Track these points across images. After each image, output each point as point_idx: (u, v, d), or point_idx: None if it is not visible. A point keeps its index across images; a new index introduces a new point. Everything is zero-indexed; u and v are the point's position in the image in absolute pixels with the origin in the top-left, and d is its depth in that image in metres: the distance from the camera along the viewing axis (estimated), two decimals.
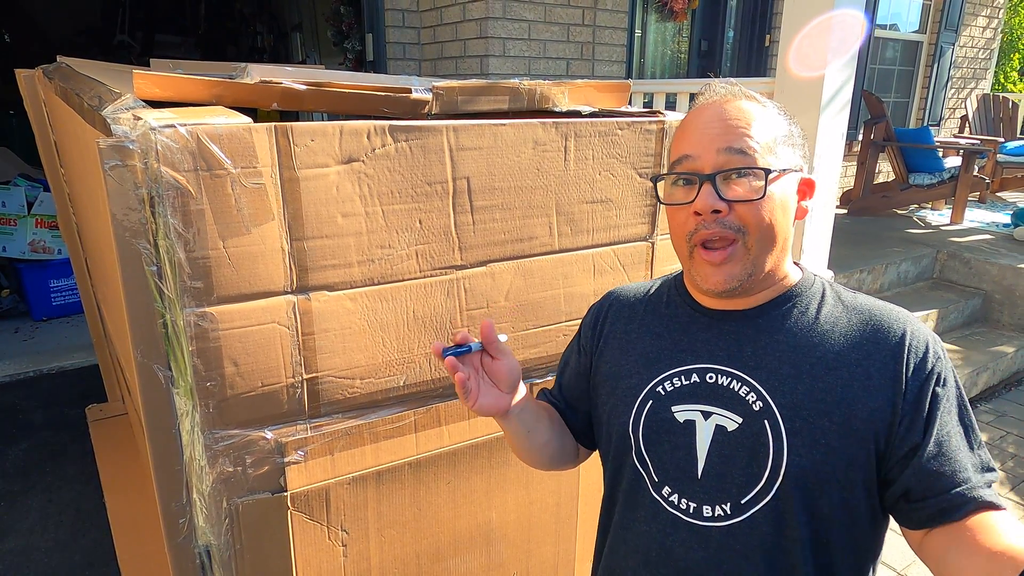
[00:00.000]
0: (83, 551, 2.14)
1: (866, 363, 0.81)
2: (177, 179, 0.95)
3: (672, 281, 0.99)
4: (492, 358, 0.92)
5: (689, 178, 0.83)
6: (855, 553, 0.84)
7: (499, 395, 0.92)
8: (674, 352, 0.91)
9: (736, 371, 0.85)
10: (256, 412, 1.09)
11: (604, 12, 4.13)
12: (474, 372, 0.91)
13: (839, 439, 0.79)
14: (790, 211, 0.84)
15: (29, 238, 3.88)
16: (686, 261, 0.87)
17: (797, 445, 0.79)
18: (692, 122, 0.85)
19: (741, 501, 0.82)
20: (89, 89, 1.36)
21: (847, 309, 0.86)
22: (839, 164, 2.70)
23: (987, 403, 3.48)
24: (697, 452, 0.85)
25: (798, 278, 0.89)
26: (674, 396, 0.88)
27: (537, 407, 1.02)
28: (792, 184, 0.85)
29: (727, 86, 0.86)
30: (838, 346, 0.82)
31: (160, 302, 1.01)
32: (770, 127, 0.83)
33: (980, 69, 7.57)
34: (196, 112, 1.00)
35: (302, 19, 6.73)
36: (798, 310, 0.86)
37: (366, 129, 1.08)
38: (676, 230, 0.86)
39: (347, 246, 1.10)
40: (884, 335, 0.82)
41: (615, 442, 0.94)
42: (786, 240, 0.85)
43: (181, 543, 1.12)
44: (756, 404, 0.82)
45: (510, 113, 1.34)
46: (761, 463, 0.81)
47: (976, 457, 0.80)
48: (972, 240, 4.59)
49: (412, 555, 1.33)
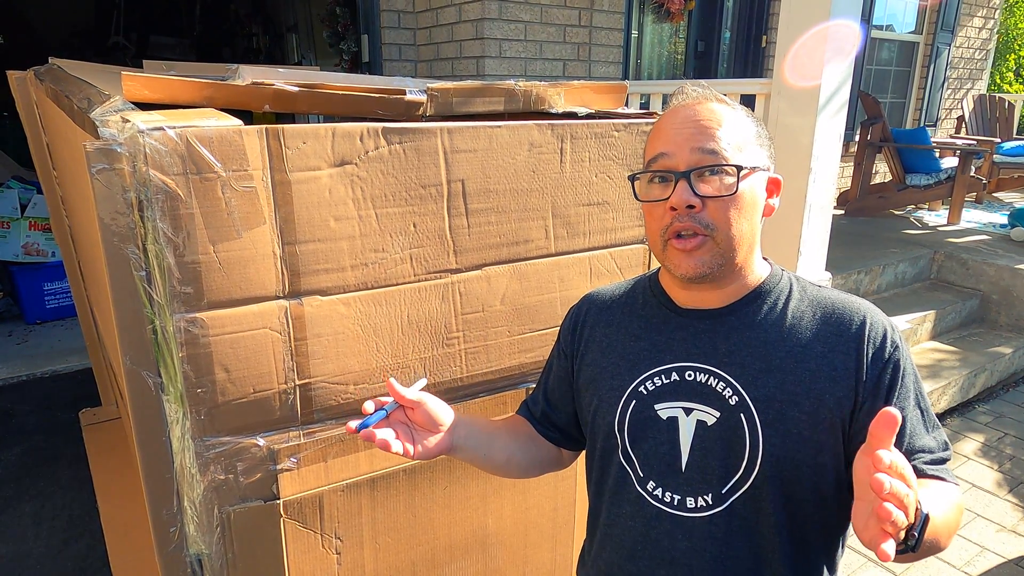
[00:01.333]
0: (75, 557, 2.12)
1: (830, 355, 0.86)
2: (166, 183, 0.93)
3: (647, 281, 1.03)
4: (411, 408, 0.95)
5: (665, 175, 0.87)
6: (826, 530, 0.89)
7: (436, 437, 0.95)
8: (653, 352, 0.94)
9: (712, 368, 0.89)
10: (248, 419, 1.07)
11: (600, 13, 4.12)
12: (403, 426, 0.95)
13: (809, 428, 0.84)
14: (759, 208, 0.89)
15: (23, 241, 3.86)
16: (660, 254, 0.90)
17: (771, 436, 0.85)
18: (667, 123, 0.89)
19: (721, 491, 0.87)
20: (79, 91, 1.34)
21: (812, 303, 0.91)
22: (836, 165, 2.69)
23: (985, 404, 3.47)
24: (681, 447, 0.90)
25: (766, 273, 0.94)
26: (656, 394, 0.92)
27: (490, 429, 1.06)
28: (761, 182, 0.89)
29: (699, 89, 0.91)
30: (805, 339, 0.87)
31: (149, 308, 0.99)
32: (740, 128, 0.88)
33: (976, 70, 7.58)
34: (186, 115, 0.98)
35: (297, 20, 6.72)
36: (767, 306, 0.91)
37: (359, 131, 1.07)
38: (652, 225, 0.90)
39: (340, 250, 1.09)
40: (846, 326, 0.87)
41: (601, 442, 0.98)
42: (755, 235, 0.90)
43: (172, 552, 1.11)
44: (732, 399, 0.87)
45: (506, 115, 1.32)
46: (739, 454, 0.86)
47: (932, 439, 0.86)
48: (969, 241, 4.59)
49: (407, 562, 1.31)
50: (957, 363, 3.48)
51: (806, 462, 0.84)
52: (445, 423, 0.97)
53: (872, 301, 3.83)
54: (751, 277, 0.92)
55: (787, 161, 2.63)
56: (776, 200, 0.93)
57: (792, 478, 0.85)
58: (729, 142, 0.85)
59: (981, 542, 2.38)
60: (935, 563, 2.27)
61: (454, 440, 0.98)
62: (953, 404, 3.35)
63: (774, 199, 0.93)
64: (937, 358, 3.54)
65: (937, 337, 3.81)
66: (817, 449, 0.84)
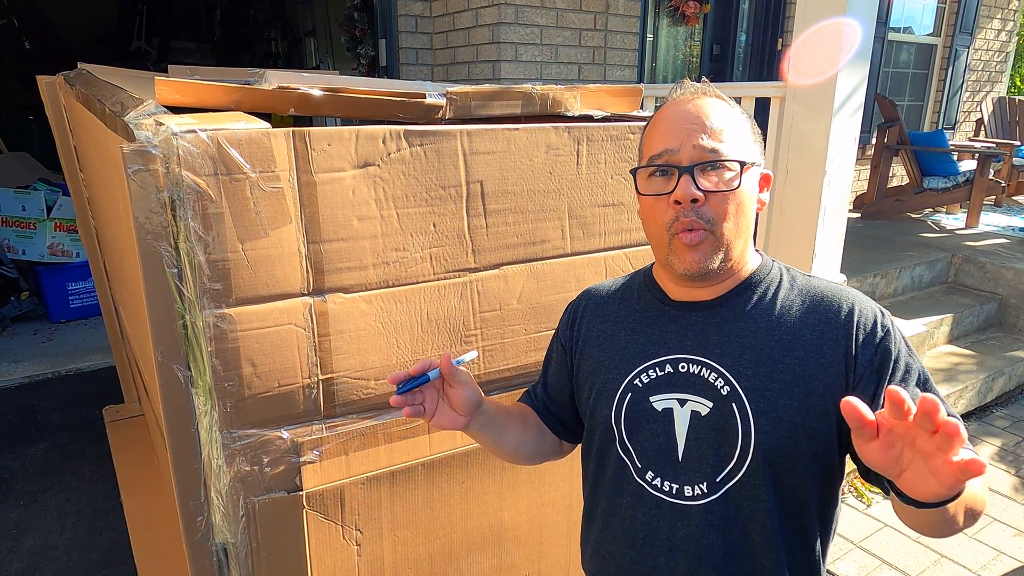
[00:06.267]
0: (100, 550, 2.17)
1: (819, 342, 0.88)
2: (198, 183, 0.97)
3: (641, 276, 1.05)
4: (450, 385, 0.96)
5: (668, 170, 0.88)
6: (819, 511, 0.92)
7: (455, 416, 0.97)
8: (647, 345, 0.97)
9: (704, 359, 0.92)
10: (273, 412, 1.11)
11: (616, 17, 4.14)
12: (433, 393, 0.96)
13: (800, 415, 0.86)
14: (754, 202, 0.92)
15: (48, 241, 3.94)
16: (664, 249, 0.91)
17: (763, 424, 0.87)
18: (668, 118, 0.91)
19: (716, 479, 0.89)
20: (111, 95, 1.39)
21: (801, 292, 0.93)
22: (852, 168, 2.69)
23: (1003, 408, 3.44)
24: (677, 437, 0.92)
25: (757, 264, 0.96)
26: (651, 387, 0.94)
27: (505, 416, 1.07)
28: (755, 177, 0.92)
29: (698, 85, 0.93)
30: (794, 328, 0.89)
31: (180, 303, 1.03)
32: (738, 124, 0.90)
33: (995, 72, 7.50)
34: (216, 118, 1.02)
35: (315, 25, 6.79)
36: (757, 296, 0.93)
37: (382, 134, 1.10)
38: (655, 219, 0.91)
39: (362, 249, 1.12)
40: (835, 313, 0.89)
41: (599, 434, 1.00)
42: (750, 229, 0.92)
43: (199, 541, 1.14)
44: (724, 389, 0.89)
45: (523, 118, 1.35)
46: (732, 443, 0.88)
47: None
48: (987, 244, 4.55)
49: (425, 555, 1.34)
50: (974, 367, 3.45)
51: (798, 449, 0.86)
52: (470, 411, 0.98)
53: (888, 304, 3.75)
54: (742, 269, 0.94)
55: (802, 164, 2.63)
56: (766, 195, 0.95)
57: (785, 465, 0.87)
58: (729, 137, 0.87)
59: (998, 546, 2.37)
60: (950, 567, 2.26)
61: (470, 423, 0.99)
62: (970, 408, 3.32)
63: (764, 194, 0.95)
64: (954, 362, 3.52)
65: (954, 341, 3.78)
66: (809, 436, 0.86)
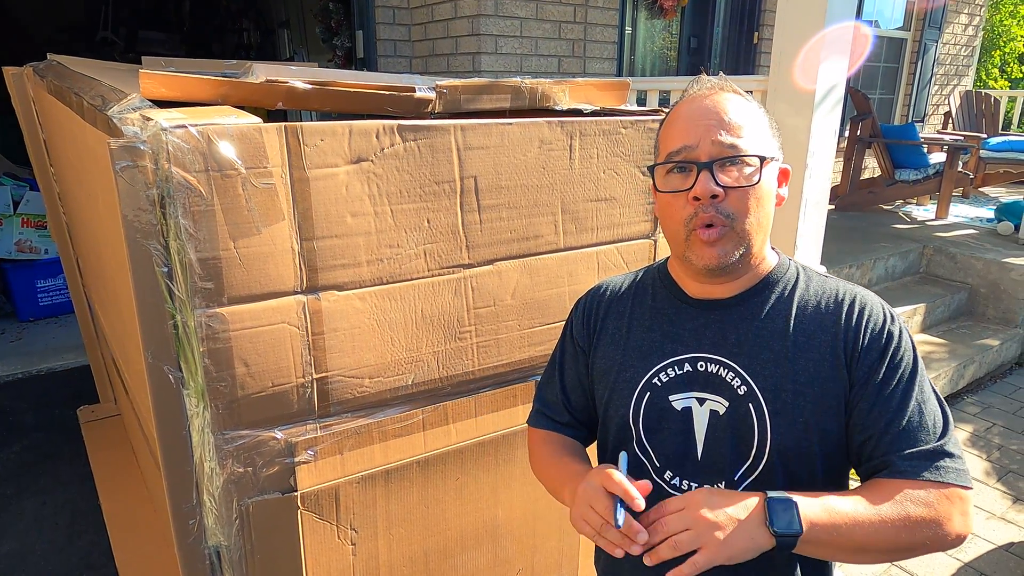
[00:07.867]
0: (80, 553, 2.12)
1: (833, 343, 0.88)
2: (188, 180, 0.95)
3: (656, 272, 1.03)
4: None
5: (686, 166, 0.87)
6: None
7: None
8: (665, 343, 0.96)
9: (722, 358, 0.91)
10: (266, 412, 1.09)
11: (595, 9, 4.14)
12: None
13: (814, 415, 0.87)
14: (773, 198, 0.92)
15: (15, 238, 3.83)
16: (681, 244, 0.90)
17: (779, 424, 0.87)
18: (686, 113, 0.90)
19: (734, 478, 0.90)
20: (88, 88, 1.34)
21: (816, 292, 0.93)
22: (831, 161, 2.73)
23: (973, 395, 3.53)
24: (696, 436, 0.92)
25: (775, 263, 0.95)
26: (670, 385, 0.94)
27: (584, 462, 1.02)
28: (774, 172, 0.92)
29: (715, 80, 0.93)
30: (810, 328, 0.90)
31: (171, 303, 1.00)
32: (757, 119, 0.90)
33: (963, 66, 7.66)
34: (205, 112, 1.00)
35: (289, 16, 6.67)
36: (775, 296, 0.93)
37: (375, 129, 1.08)
38: (673, 215, 0.90)
39: (356, 246, 1.10)
40: (848, 314, 0.89)
41: (614, 432, 0.99)
42: (769, 225, 0.91)
43: (191, 544, 1.12)
44: (741, 388, 0.89)
45: (511, 112, 1.34)
46: (748, 442, 0.89)
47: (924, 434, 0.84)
48: (957, 235, 4.65)
49: (420, 553, 1.33)
50: (946, 355, 3.54)
51: (811, 448, 0.87)
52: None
53: None
54: (761, 267, 0.94)
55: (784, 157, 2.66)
56: (785, 190, 0.95)
57: (798, 464, 0.88)
58: (748, 132, 0.87)
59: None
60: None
61: None
62: (943, 395, 3.41)
63: (783, 189, 0.95)
64: (927, 350, 3.60)
65: (927, 330, 3.87)
66: (822, 436, 0.87)
